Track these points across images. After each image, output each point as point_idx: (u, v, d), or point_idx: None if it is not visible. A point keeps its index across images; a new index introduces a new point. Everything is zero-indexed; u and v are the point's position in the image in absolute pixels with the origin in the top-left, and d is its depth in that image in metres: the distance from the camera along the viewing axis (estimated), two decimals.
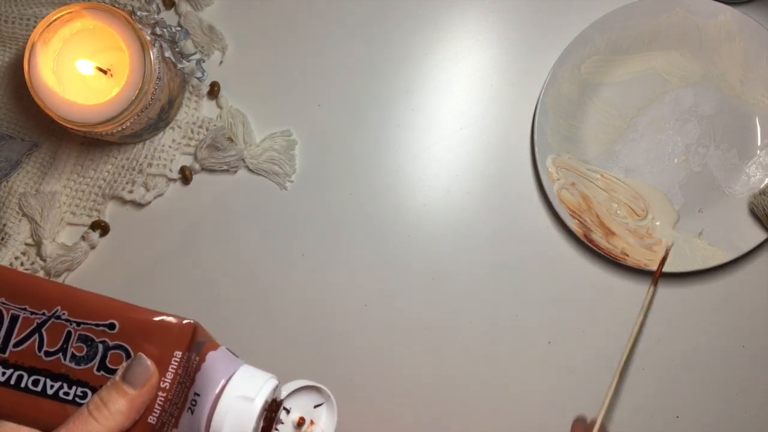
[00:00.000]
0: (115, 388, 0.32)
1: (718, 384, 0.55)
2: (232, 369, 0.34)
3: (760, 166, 0.54)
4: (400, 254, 0.58)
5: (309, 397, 0.38)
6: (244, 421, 0.33)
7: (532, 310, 0.57)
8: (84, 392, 0.33)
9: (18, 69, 0.59)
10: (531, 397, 0.56)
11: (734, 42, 0.54)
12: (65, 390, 0.33)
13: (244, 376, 0.34)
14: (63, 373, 0.33)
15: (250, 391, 0.33)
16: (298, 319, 0.58)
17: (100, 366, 0.33)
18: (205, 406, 0.33)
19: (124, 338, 0.33)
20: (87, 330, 0.33)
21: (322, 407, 0.39)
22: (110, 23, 0.52)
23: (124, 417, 0.31)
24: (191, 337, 0.33)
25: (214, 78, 0.61)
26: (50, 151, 0.60)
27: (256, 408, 0.33)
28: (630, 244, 0.54)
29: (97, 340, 0.33)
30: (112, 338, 0.33)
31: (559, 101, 0.56)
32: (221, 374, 0.34)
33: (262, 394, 0.34)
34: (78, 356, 0.33)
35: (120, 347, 0.33)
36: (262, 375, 0.35)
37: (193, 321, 0.34)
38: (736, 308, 0.55)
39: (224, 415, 0.33)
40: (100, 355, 0.33)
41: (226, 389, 0.34)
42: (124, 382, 0.32)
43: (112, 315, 0.33)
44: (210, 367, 0.34)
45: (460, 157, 0.59)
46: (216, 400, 0.33)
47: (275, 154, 0.59)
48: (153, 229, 0.60)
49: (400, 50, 0.60)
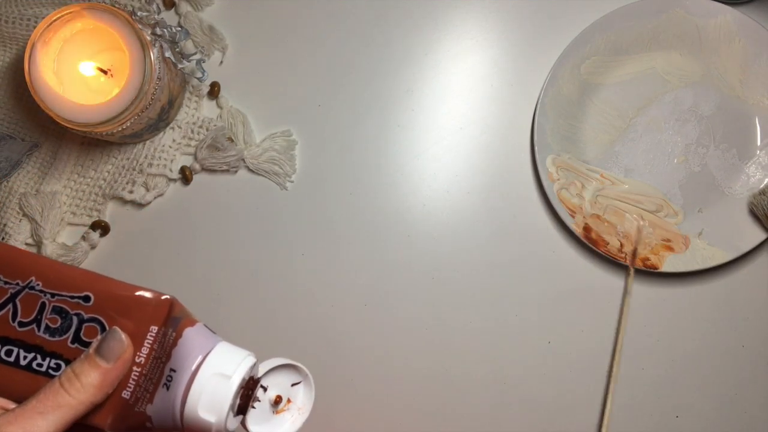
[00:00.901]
0: (88, 361, 0.31)
1: (717, 384, 0.55)
2: (209, 345, 0.34)
3: (760, 166, 0.54)
4: (400, 254, 0.58)
5: (286, 376, 0.38)
6: (221, 398, 0.33)
7: (531, 310, 0.57)
8: (58, 364, 0.32)
9: (18, 69, 0.59)
10: (531, 397, 0.56)
11: (734, 42, 0.54)
12: (39, 361, 0.33)
13: (222, 352, 0.34)
14: (37, 344, 0.33)
15: (227, 368, 0.33)
16: (299, 319, 0.58)
17: (74, 338, 0.33)
18: (181, 382, 0.33)
19: (99, 311, 0.33)
20: (62, 302, 0.33)
21: (300, 386, 0.38)
22: (110, 23, 0.52)
23: (96, 390, 0.31)
24: (168, 312, 0.33)
25: (214, 78, 0.61)
26: (50, 151, 0.60)
27: (233, 385, 0.33)
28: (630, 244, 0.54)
29: (71, 312, 0.33)
30: (87, 311, 0.33)
31: (558, 101, 0.56)
32: (198, 350, 0.34)
33: (239, 372, 0.33)
34: (52, 328, 0.33)
35: (95, 320, 0.33)
36: (239, 352, 0.34)
37: (170, 296, 0.33)
38: (736, 308, 0.55)
39: (200, 391, 0.33)
40: (75, 328, 0.33)
41: (202, 366, 0.33)
42: (97, 355, 0.31)
43: (88, 287, 0.33)
44: (187, 343, 0.33)
45: (460, 157, 0.59)
46: (192, 377, 0.33)
47: (275, 154, 0.59)
48: (153, 229, 0.60)
49: (400, 50, 0.60)
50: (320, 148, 0.60)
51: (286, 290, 0.59)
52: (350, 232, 0.59)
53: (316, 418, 0.57)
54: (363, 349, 0.58)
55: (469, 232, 0.58)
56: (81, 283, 0.33)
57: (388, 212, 0.59)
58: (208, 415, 0.33)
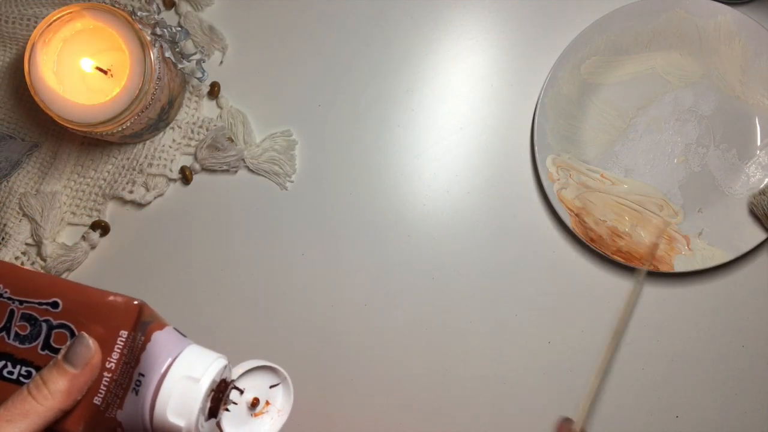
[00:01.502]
0: (56, 368, 0.31)
1: (717, 384, 0.55)
2: (178, 349, 0.34)
3: (760, 166, 0.54)
4: (400, 254, 0.58)
5: (264, 378, 0.37)
6: (190, 401, 0.32)
7: (531, 310, 0.57)
8: (29, 371, 0.32)
9: (18, 69, 0.59)
10: (531, 397, 0.56)
11: (734, 42, 0.54)
12: (9, 369, 0.32)
13: (191, 355, 0.34)
14: (7, 352, 0.32)
15: (195, 371, 0.33)
16: (298, 319, 0.58)
17: (44, 345, 0.32)
18: (150, 386, 0.33)
19: (68, 317, 0.33)
20: (30, 309, 0.33)
21: (278, 387, 0.38)
22: (110, 23, 0.52)
23: (65, 396, 0.31)
24: (137, 316, 0.33)
25: (214, 78, 0.61)
26: (50, 151, 0.60)
27: (202, 388, 0.32)
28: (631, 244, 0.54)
29: (40, 318, 0.33)
30: (56, 317, 0.33)
31: (558, 101, 0.56)
32: (167, 354, 0.33)
33: (208, 374, 0.33)
34: (22, 335, 0.33)
35: (64, 326, 0.33)
36: (209, 355, 0.34)
37: (139, 301, 0.33)
38: (736, 308, 0.55)
39: (168, 395, 0.32)
40: (44, 335, 0.32)
41: (171, 369, 0.33)
42: (65, 362, 0.31)
43: (55, 293, 0.33)
44: (155, 346, 0.33)
45: (460, 157, 0.59)
46: (161, 381, 0.33)
47: (275, 154, 0.59)
48: (153, 229, 0.60)
49: (400, 50, 0.60)
50: (320, 148, 0.60)
51: (286, 290, 0.59)
52: (350, 232, 0.59)
53: (317, 418, 0.58)
54: (363, 349, 0.58)
55: (469, 232, 0.58)
56: (49, 289, 0.33)
57: (388, 212, 0.59)
58: (178, 419, 0.32)
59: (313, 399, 0.57)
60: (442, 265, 0.58)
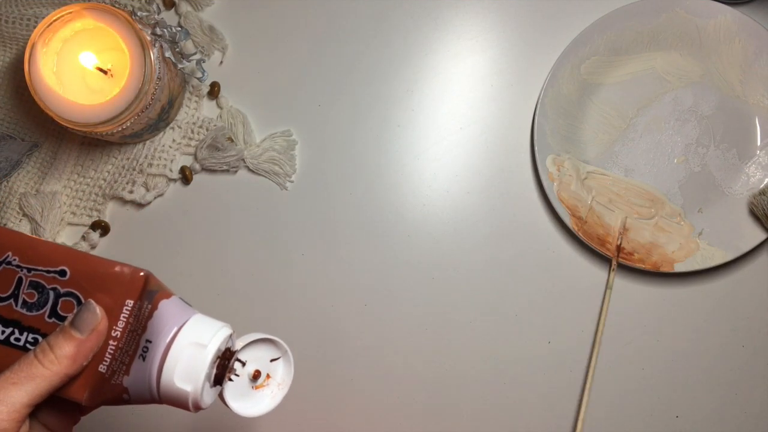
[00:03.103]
0: (63, 333, 0.32)
1: (717, 384, 0.55)
2: (185, 317, 0.34)
3: (760, 166, 0.54)
4: (400, 254, 0.58)
5: (265, 351, 0.38)
6: (197, 366, 0.33)
7: (531, 310, 0.57)
8: (35, 339, 0.33)
9: (18, 69, 0.59)
10: (531, 396, 0.56)
11: (734, 42, 0.54)
12: (16, 336, 0.33)
13: (197, 323, 0.34)
14: (15, 318, 0.33)
15: (202, 338, 0.33)
16: (298, 318, 0.58)
17: (51, 313, 0.33)
18: (157, 352, 0.33)
19: (75, 285, 0.33)
20: (38, 276, 0.33)
21: (279, 361, 0.38)
22: (110, 23, 0.52)
23: (71, 361, 0.31)
24: (143, 286, 0.33)
25: (214, 78, 0.61)
26: (50, 151, 0.60)
27: (209, 354, 0.33)
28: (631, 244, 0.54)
29: (48, 286, 0.33)
30: (63, 285, 0.33)
31: (558, 101, 0.56)
32: (174, 322, 0.34)
33: (215, 341, 0.33)
34: (29, 302, 0.33)
35: (71, 294, 0.33)
36: (215, 323, 0.34)
37: (145, 271, 0.33)
38: (735, 308, 0.55)
39: (176, 360, 0.33)
40: (51, 302, 0.33)
41: (178, 336, 0.33)
42: (71, 327, 0.32)
43: (63, 262, 0.33)
44: (162, 314, 0.34)
45: (460, 157, 0.59)
46: (168, 347, 0.33)
47: (275, 154, 0.59)
48: (153, 229, 0.60)
49: (400, 50, 0.60)
50: (320, 148, 0.60)
51: (286, 290, 0.59)
52: (350, 232, 0.59)
53: (317, 418, 0.58)
54: (363, 349, 0.58)
55: (469, 231, 0.58)
56: (57, 257, 0.33)
57: (388, 212, 0.59)
58: (184, 384, 0.33)
59: (313, 399, 0.57)
60: (442, 265, 0.58)
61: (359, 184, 0.59)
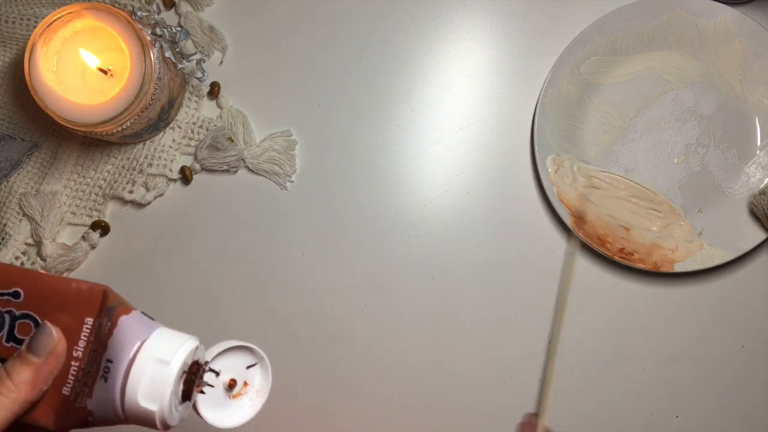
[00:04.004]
0: (20, 359, 0.31)
1: (717, 384, 0.55)
2: (147, 332, 0.33)
3: (760, 166, 0.54)
4: (400, 254, 0.58)
5: (240, 358, 0.37)
6: (161, 384, 0.31)
7: (531, 310, 0.57)
8: None
9: (18, 69, 0.59)
10: (531, 396, 0.56)
11: (734, 42, 0.54)
12: None
13: (160, 338, 0.33)
14: None
15: (165, 354, 0.32)
16: (298, 319, 0.58)
17: (8, 337, 0.32)
18: (119, 372, 0.32)
19: (31, 307, 0.32)
20: None
21: (256, 368, 0.37)
22: (110, 23, 0.52)
23: (30, 387, 0.31)
24: (101, 302, 0.32)
25: (214, 78, 0.61)
26: (50, 151, 0.60)
27: (173, 370, 0.31)
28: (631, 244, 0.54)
29: (2, 309, 0.32)
30: (19, 307, 0.32)
31: (558, 102, 0.56)
32: (135, 338, 0.32)
33: (179, 356, 0.32)
34: None
35: (27, 316, 0.32)
36: (179, 336, 0.33)
37: (103, 286, 0.32)
38: (735, 308, 0.55)
39: (138, 379, 0.31)
40: (8, 326, 0.32)
41: (139, 353, 0.32)
42: (28, 352, 0.31)
43: (16, 283, 0.32)
44: (122, 331, 0.32)
45: (460, 157, 0.59)
46: (129, 366, 0.32)
47: (275, 154, 0.59)
48: (153, 229, 0.60)
49: (400, 51, 0.60)
50: (320, 148, 0.60)
51: (286, 290, 0.59)
52: (350, 232, 0.59)
53: (317, 418, 0.58)
54: (363, 349, 0.58)
55: (468, 231, 0.58)
56: (8, 279, 0.32)
57: (388, 212, 0.59)
58: (150, 403, 0.31)
59: (313, 398, 0.57)
60: (442, 265, 0.58)
61: (359, 184, 0.59)
